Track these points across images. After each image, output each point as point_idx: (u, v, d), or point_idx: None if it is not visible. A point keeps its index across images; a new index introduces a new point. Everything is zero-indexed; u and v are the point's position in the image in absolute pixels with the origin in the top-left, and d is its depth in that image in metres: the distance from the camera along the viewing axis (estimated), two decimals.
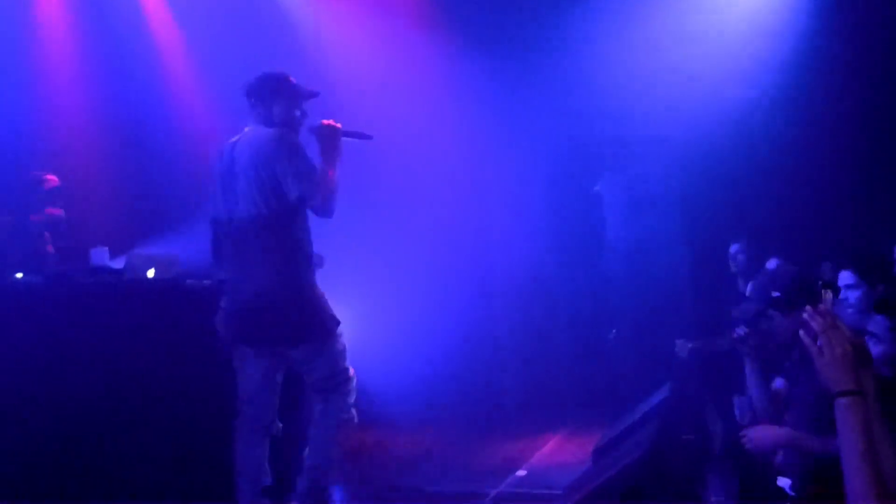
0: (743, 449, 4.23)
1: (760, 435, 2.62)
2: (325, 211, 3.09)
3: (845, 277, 3.28)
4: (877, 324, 2.93)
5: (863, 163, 5.42)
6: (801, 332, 1.59)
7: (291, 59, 5.76)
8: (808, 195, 5.53)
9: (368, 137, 3.26)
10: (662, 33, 5.62)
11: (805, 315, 1.58)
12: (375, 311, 5.65)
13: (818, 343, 1.54)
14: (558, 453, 4.64)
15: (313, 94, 3.28)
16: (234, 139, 3.21)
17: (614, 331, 5.81)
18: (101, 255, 3.79)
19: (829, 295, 1.65)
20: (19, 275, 3.65)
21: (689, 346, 4.70)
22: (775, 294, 2.73)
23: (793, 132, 5.61)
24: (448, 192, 5.65)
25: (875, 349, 1.95)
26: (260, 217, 3.05)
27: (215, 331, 3.69)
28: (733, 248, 4.80)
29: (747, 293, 3.06)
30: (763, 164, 5.60)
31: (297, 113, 3.20)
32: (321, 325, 3.12)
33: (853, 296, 3.26)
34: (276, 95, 3.18)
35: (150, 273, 3.85)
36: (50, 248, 4.35)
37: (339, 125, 3.21)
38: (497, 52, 5.85)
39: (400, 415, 5.53)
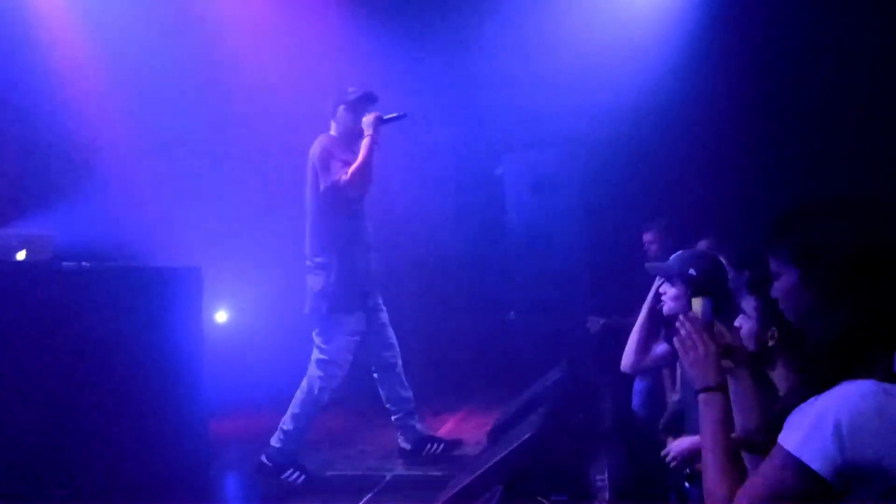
0: (632, 426, 4.43)
1: (682, 447, 2.65)
2: (351, 190, 3.76)
3: None
4: (746, 303, 3.13)
5: (754, 152, 5.69)
6: (674, 339, 1.71)
7: (185, 37, 5.61)
8: (703, 180, 5.78)
9: (404, 116, 3.89)
10: (569, 19, 5.73)
11: (677, 323, 1.70)
12: (276, 293, 5.59)
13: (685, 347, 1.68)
14: (455, 434, 4.72)
15: (372, 100, 3.93)
16: None
17: (512, 313, 5.92)
18: None
19: (698, 303, 1.78)
20: None
21: (602, 321, 4.83)
22: (692, 272, 2.80)
23: (691, 119, 5.84)
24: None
25: (745, 325, 2.12)
26: (309, 204, 3.89)
27: (93, 315, 3.60)
28: (646, 237, 4.82)
29: (671, 257, 3.16)
30: (661, 150, 5.81)
31: (355, 117, 3.88)
32: (314, 301, 3.85)
33: None
34: (337, 104, 3.94)
35: (21, 255, 3.62)
36: None
37: (377, 115, 3.82)
38: (404, 31, 5.82)
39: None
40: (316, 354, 3.89)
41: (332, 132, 3.96)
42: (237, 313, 5.77)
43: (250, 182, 5.65)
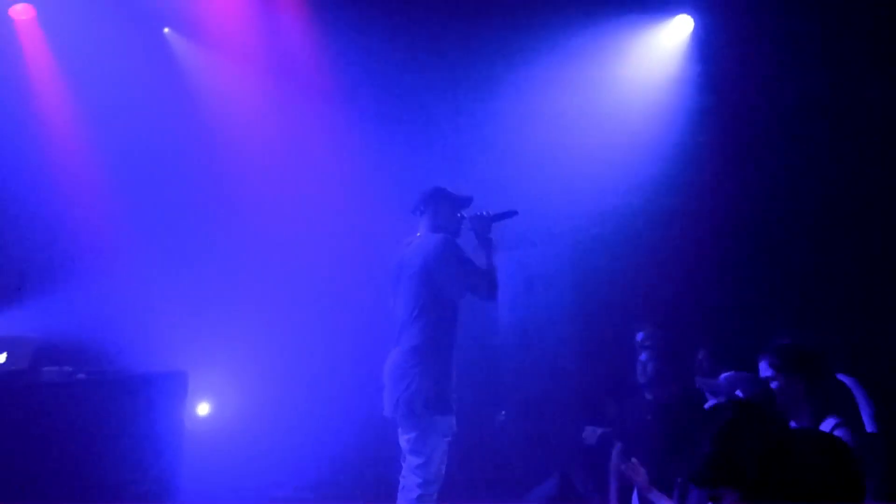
0: None
1: None
2: (489, 296, 3.80)
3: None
4: None
5: (746, 261, 5.76)
6: None
7: (179, 107, 5.68)
8: (696, 283, 5.82)
9: (514, 213, 3.96)
10: (564, 112, 5.87)
11: None
12: (258, 387, 5.52)
13: None
14: None
15: (469, 200, 4.01)
16: (407, 242, 3.97)
17: (503, 412, 5.85)
18: None
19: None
20: None
21: (599, 432, 4.74)
22: (738, 393, 2.83)
23: (685, 216, 5.93)
24: (336, 264, 5.60)
25: None
26: (412, 312, 3.73)
27: (75, 424, 3.55)
28: (639, 336, 4.79)
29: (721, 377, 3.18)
30: (653, 250, 5.86)
31: (458, 216, 3.96)
32: (409, 403, 3.67)
33: None
34: (439, 205, 3.95)
35: (1, 358, 3.53)
36: None
37: (488, 213, 3.92)
38: (397, 127, 5.96)
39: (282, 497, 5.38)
40: (412, 460, 3.72)
41: (427, 229, 3.93)
42: (219, 407, 5.67)
43: (236, 276, 5.61)
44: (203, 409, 5.50)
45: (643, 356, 4.65)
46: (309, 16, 5.86)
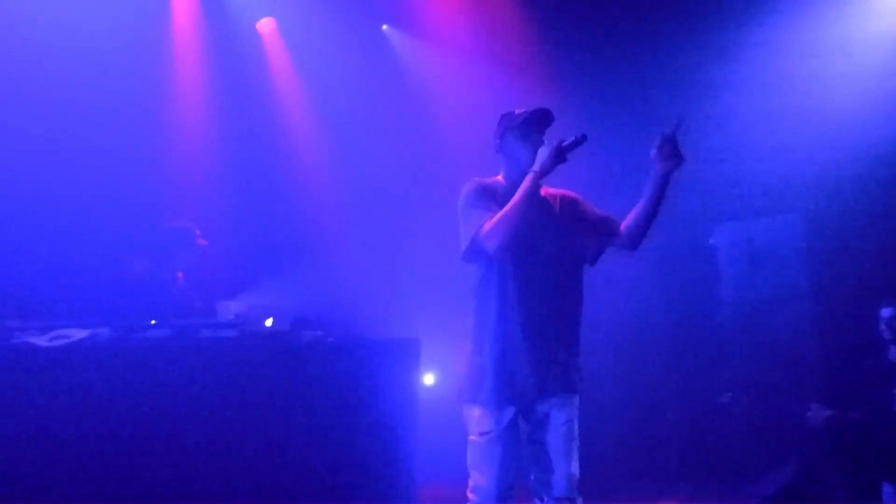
0: None
1: None
2: (490, 250, 2.94)
3: None
4: None
5: None
6: None
7: (399, 101, 6.26)
8: None
9: (583, 139, 2.99)
10: (792, 71, 5.69)
11: None
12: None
13: None
14: None
15: (547, 120, 3.11)
16: None
17: (729, 394, 5.78)
18: (226, 311, 4.14)
19: None
20: (153, 322, 4.02)
21: (825, 413, 4.59)
22: None
23: None
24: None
25: None
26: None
27: (327, 383, 4.06)
28: (886, 313, 4.61)
29: None
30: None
31: (525, 145, 3.08)
32: (459, 388, 3.19)
33: None
34: (500, 133, 3.18)
35: (269, 322, 4.18)
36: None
37: (558, 143, 2.97)
38: (609, 90, 6.01)
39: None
40: None
41: (500, 174, 3.20)
42: (445, 376, 6.15)
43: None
44: (429, 378, 5.97)
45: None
46: (525, 12, 6.18)
